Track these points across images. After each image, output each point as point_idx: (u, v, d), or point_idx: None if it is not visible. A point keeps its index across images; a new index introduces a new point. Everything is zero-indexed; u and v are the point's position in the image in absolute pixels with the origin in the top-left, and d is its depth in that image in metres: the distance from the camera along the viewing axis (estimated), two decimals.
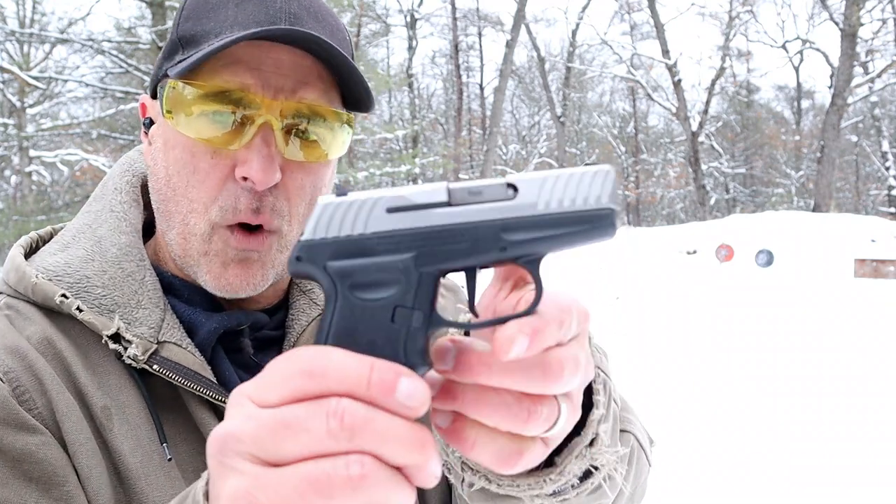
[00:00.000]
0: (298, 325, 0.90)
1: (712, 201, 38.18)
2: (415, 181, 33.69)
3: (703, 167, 34.28)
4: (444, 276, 0.48)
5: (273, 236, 0.81)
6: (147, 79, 16.19)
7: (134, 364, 0.77)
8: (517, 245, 0.47)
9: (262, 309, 0.89)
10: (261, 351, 0.87)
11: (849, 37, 25.70)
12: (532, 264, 0.48)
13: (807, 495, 4.44)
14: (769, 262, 17.75)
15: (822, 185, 26.46)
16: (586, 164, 0.45)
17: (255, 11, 0.78)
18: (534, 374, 0.47)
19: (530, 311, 0.48)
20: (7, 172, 24.77)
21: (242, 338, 0.86)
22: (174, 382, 0.77)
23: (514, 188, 0.48)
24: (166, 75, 0.80)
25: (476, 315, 0.52)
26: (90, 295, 0.79)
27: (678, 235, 23.40)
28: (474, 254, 0.47)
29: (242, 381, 0.78)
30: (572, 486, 0.64)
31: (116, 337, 0.77)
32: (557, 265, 18.10)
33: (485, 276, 0.51)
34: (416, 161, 23.90)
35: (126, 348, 0.77)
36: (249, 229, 0.80)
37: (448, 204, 0.47)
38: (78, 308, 0.77)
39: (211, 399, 0.78)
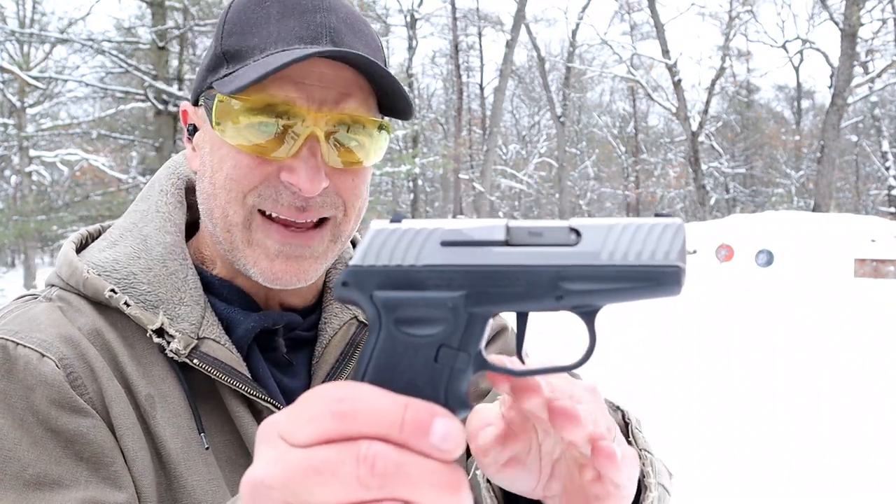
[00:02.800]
0: (331, 328, 0.94)
1: (712, 201, 38.19)
2: (415, 181, 33.69)
3: (703, 167, 34.28)
4: (493, 317, 0.46)
5: (326, 226, 0.86)
6: (148, 79, 16.23)
7: (176, 357, 0.82)
8: (575, 295, 0.45)
9: (296, 309, 0.94)
10: (294, 350, 0.93)
11: (849, 37, 25.70)
12: (587, 315, 0.46)
13: (807, 495, 4.45)
14: (769, 262, 17.76)
15: (822, 185, 26.47)
16: (656, 215, 0.46)
17: (297, 27, 0.82)
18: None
19: (581, 363, 0.47)
20: (7, 172, 24.76)
21: (277, 337, 0.90)
22: (212, 376, 0.82)
23: (577, 233, 0.45)
24: (211, 87, 0.85)
25: (523, 360, 0.50)
26: (136, 291, 0.85)
27: None
28: (528, 299, 0.45)
29: (275, 378, 0.88)
30: None
31: (160, 331, 0.83)
32: None
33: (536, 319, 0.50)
34: (416, 161, 23.88)
35: (169, 342, 0.82)
36: (292, 228, 0.84)
37: (506, 243, 0.45)
38: (125, 303, 0.83)
39: (246, 394, 0.83)
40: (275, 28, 0.82)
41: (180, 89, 16.60)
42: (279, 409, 0.84)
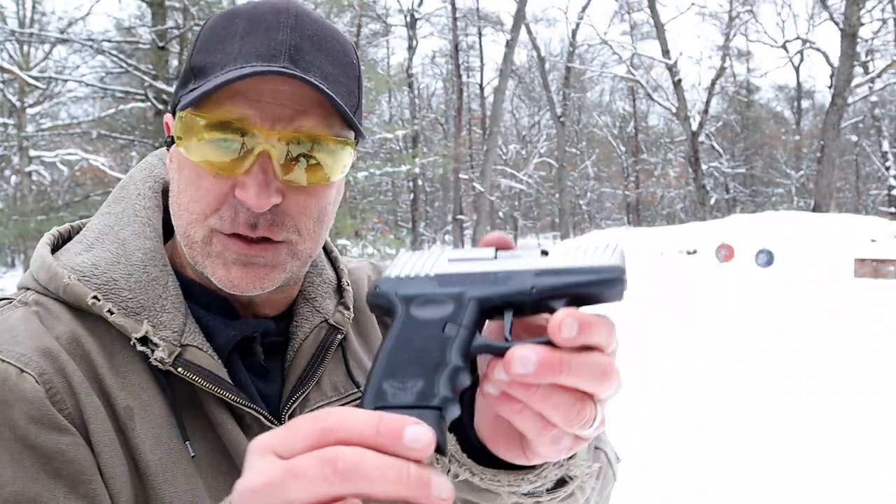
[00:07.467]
0: (301, 332, 0.96)
1: (712, 201, 38.17)
2: (415, 181, 33.69)
3: (703, 167, 34.26)
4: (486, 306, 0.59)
5: (282, 246, 0.86)
6: (148, 79, 16.23)
7: (160, 366, 0.82)
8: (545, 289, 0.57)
9: (271, 316, 0.95)
10: (268, 356, 0.94)
11: (849, 37, 25.70)
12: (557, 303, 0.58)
13: (807, 495, 4.45)
14: (769, 262, 17.75)
15: (822, 185, 26.47)
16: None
17: (258, 45, 0.82)
18: (595, 373, 0.56)
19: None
20: (7, 172, 24.77)
21: (255, 345, 0.91)
22: (195, 384, 0.83)
23: (546, 252, 0.60)
24: (179, 101, 0.86)
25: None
26: (117, 297, 0.84)
27: (678, 235, 23.42)
28: (510, 291, 0.58)
29: (254, 384, 0.91)
30: (547, 489, 0.71)
31: (143, 339, 0.83)
32: None
33: None
34: (416, 161, 23.87)
35: (153, 351, 0.82)
36: (250, 241, 0.85)
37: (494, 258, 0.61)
38: (109, 311, 0.82)
39: (229, 400, 0.84)
40: (238, 45, 0.83)
41: None
42: (262, 414, 0.86)
